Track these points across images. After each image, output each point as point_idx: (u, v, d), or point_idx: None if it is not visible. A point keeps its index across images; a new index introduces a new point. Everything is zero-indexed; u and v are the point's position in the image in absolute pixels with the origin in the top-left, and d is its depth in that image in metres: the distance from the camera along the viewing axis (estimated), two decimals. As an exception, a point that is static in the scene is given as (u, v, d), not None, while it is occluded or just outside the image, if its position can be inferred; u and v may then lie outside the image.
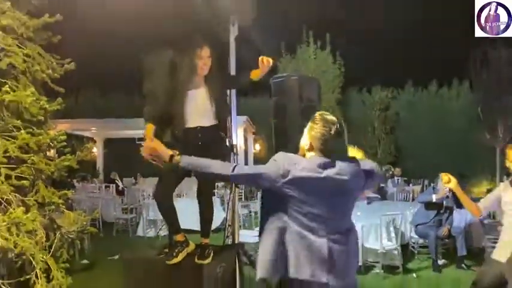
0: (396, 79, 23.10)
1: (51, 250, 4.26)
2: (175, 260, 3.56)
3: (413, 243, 7.68)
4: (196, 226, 4.05)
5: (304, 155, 2.83)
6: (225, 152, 3.98)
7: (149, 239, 9.93)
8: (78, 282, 4.83)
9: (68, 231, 4.51)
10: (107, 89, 23.48)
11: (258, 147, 21.67)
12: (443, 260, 7.39)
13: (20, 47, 4.25)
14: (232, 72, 4.67)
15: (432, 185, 8.10)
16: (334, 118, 2.81)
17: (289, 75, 4.32)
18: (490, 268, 3.82)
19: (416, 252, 7.59)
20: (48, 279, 4.14)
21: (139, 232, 10.30)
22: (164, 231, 9.62)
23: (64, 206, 4.47)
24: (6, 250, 3.85)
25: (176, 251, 3.63)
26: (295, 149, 3.04)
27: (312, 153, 2.78)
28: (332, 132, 2.72)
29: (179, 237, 3.76)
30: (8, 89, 4.01)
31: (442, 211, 7.34)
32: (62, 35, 4.61)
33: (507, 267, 3.63)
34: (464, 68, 18.98)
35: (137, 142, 13.77)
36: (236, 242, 4.38)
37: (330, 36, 19.22)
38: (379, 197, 12.38)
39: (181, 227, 3.86)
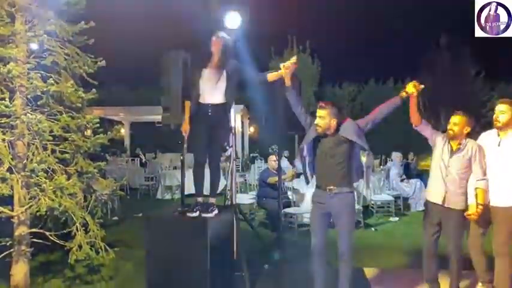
0: (361, 76, 23.16)
1: (88, 209, 4.27)
2: (194, 215, 3.61)
3: (373, 204, 7.75)
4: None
5: None
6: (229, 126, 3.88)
7: (165, 201, 9.99)
8: (110, 234, 4.85)
9: (101, 194, 4.52)
10: (132, 83, 23.33)
11: (252, 129, 21.69)
12: (396, 218, 7.50)
13: (61, 48, 4.19)
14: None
15: None
16: None
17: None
18: (429, 211, 3.71)
19: (374, 211, 7.67)
20: (86, 232, 4.17)
21: (158, 195, 10.39)
22: (177, 195, 9.68)
23: (98, 175, 4.46)
24: (52, 209, 3.86)
25: (196, 208, 3.67)
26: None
27: None
28: None
29: (200, 199, 3.78)
30: (52, 81, 3.97)
31: None
32: (95, 38, 4.53)
33: (440, 208, 3.60)
34: (416, 69, 19.03)
35: (156, 125, 13.68)
36: (234, 203, 4.39)
37: (309, 42, 19.12)
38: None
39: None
